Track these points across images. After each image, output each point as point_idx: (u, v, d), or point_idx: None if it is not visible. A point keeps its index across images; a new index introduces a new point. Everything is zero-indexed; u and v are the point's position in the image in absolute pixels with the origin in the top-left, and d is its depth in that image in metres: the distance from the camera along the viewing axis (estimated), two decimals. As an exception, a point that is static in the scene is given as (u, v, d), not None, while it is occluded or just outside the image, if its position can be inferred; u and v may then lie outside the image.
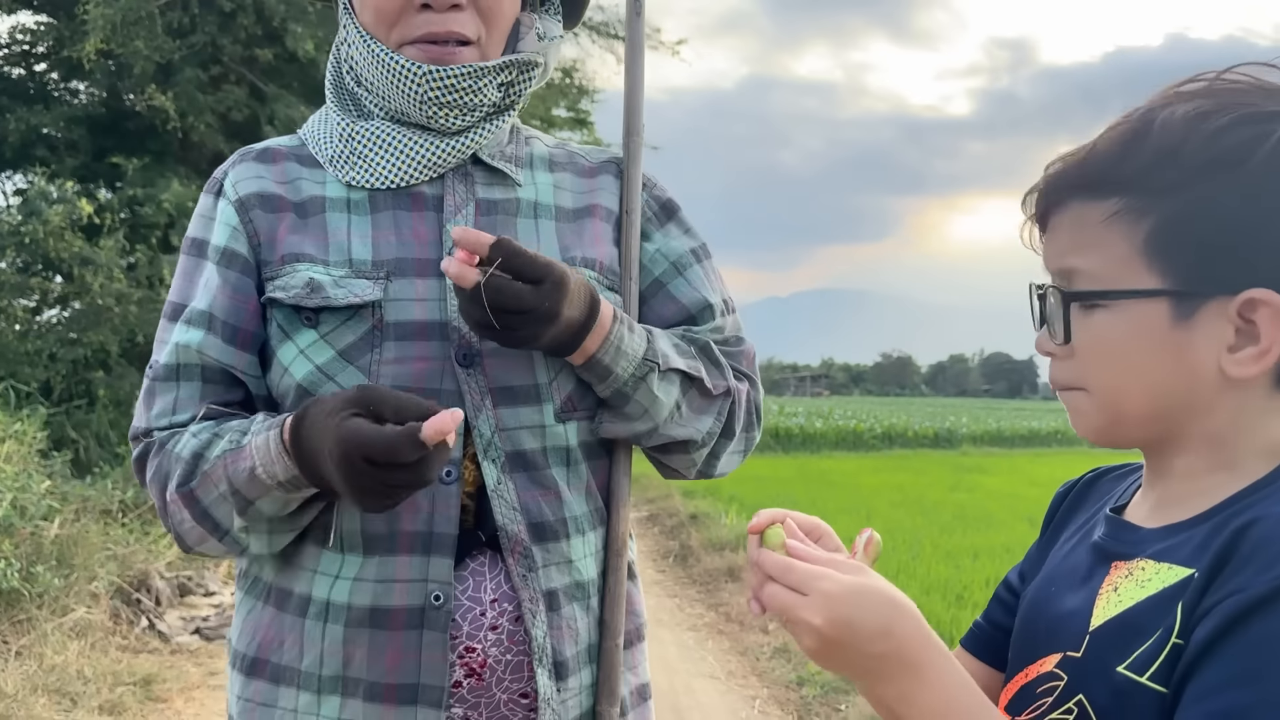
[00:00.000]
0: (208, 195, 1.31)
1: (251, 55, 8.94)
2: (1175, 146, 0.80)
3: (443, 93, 1.23)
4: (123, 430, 7.43)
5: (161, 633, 5.38)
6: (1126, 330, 0.83)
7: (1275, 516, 0.76)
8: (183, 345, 1.23)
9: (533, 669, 1.20)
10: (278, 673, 1.23)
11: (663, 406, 1.24)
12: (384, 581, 1.19)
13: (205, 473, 1.17)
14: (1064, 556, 0.96)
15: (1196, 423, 0.84)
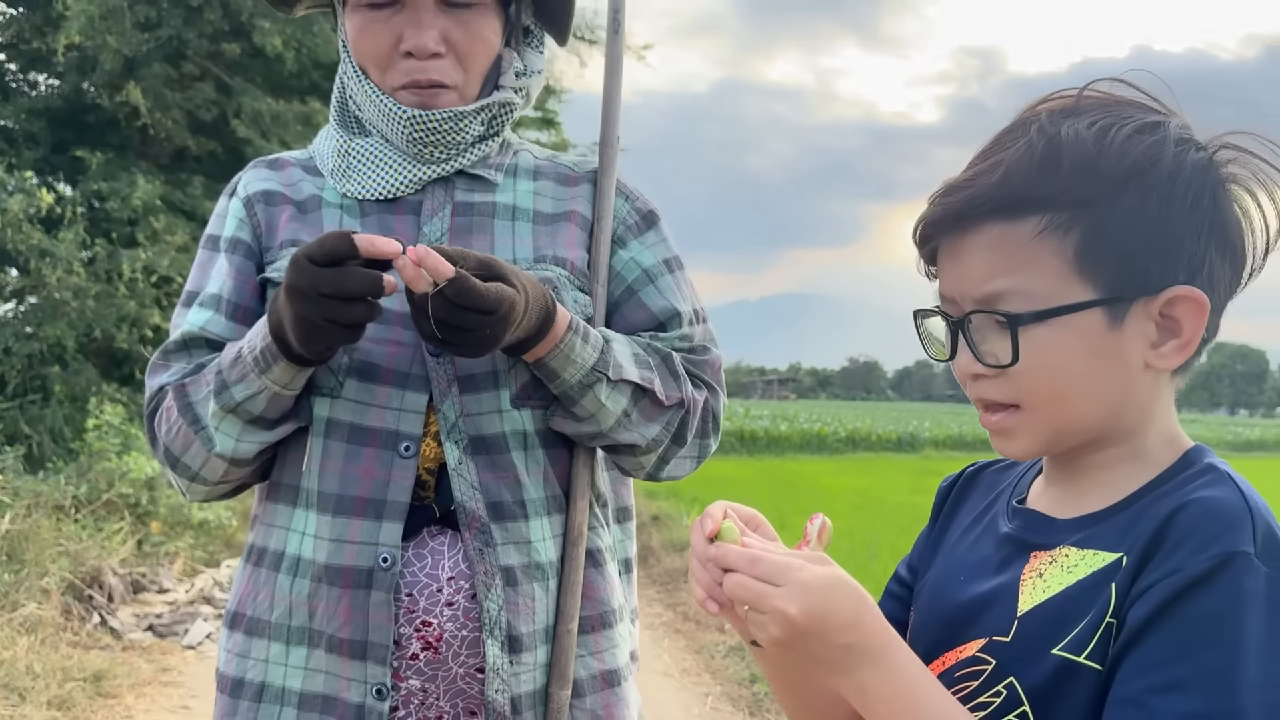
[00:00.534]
0: (224, 197, 1.47)
1: (218, 50, 8.91)
2: (1092, 161, 0.83)
3: (427, 134, 1.35)
4: (77, 425, 7.36)
5: (114, 629, 5.35)
6: (1068, 344, 0.85)
7: (1202, 501, 0.80)
8: (194, 324, 1.36)
9: (485, 642, 1.27)
10: (252, 625, 1.33)
11: (609, 414, 1.31)
12: (337, 540, 1.28)
13: (202, 374, 1.30)
14: (967, 548, 1.00)
15: (1122, 418, 0.88)
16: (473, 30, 1.34)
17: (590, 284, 1.40)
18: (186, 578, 6.37)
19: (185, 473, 1.32)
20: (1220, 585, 0.76)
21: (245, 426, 1.28)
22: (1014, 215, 0.85)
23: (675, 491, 12.26)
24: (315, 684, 1.28)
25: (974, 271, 0.87)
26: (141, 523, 6.46)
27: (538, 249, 1.38)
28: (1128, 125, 0.84)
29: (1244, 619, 0.75)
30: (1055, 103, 0.89)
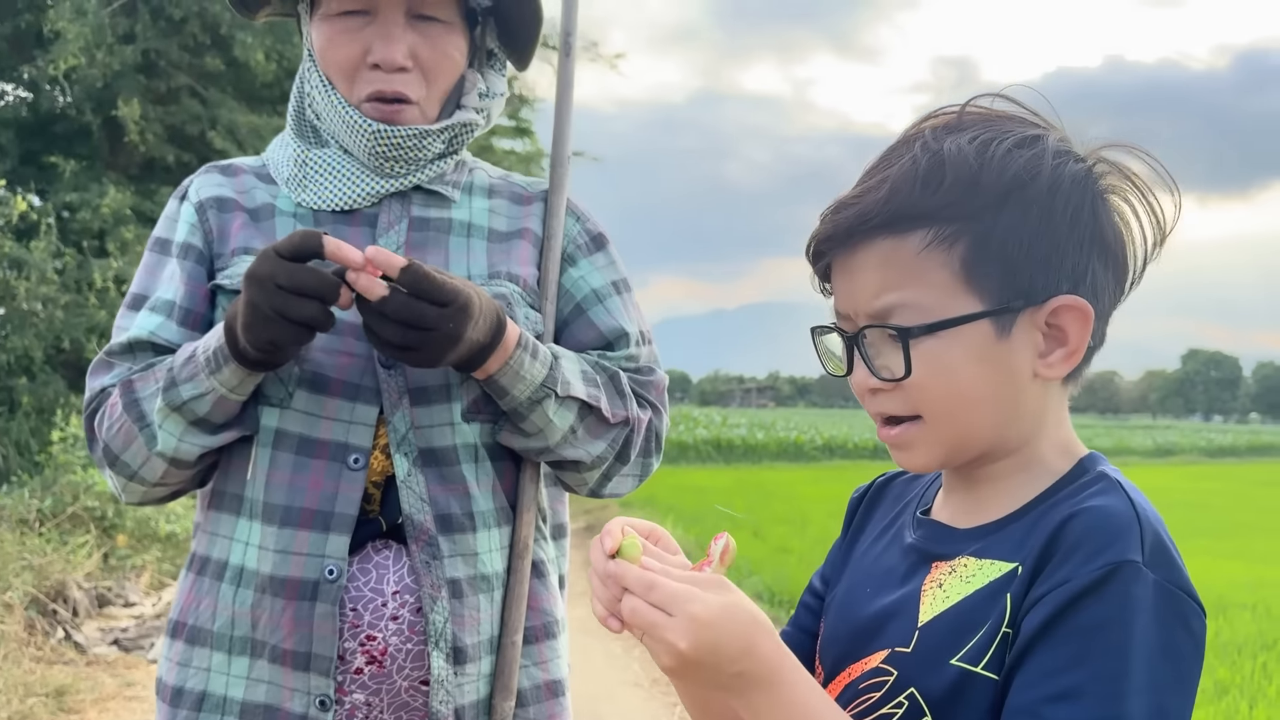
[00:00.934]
0: (174, 200, 1.46)
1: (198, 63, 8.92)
2: (974, 175, 0.84)
3: (390, 149, 1.36)
4: (43, 438, 7.29)
5: (78, 644, 5.30)
6: (959, 355, 0.86)
7: (1092, 510, 0.81)
8: (143, 328, 1.35)
9: (430, 654, 1.28)
10: (194, 634, 1.33)
11: (556, 429, 1.33)
12: (283, 552, 1.28)
13: (152, 370, 1.30)
14: (875, 558, 1.01)
15: (1015, 428, 0.89)
16: (439, 48, 1.36)
17: (540, 300, 1.41)
18: (153, 591, 6.32)
19: (123, 471, 1.31)
20: (1110, 594, 0.77)
21: (188, 427, 1.27)
22: (901, 230, 0.86)
23: (650, 501, 12.28)
24: (257, 694, 1.28)
25: (866, 287, 0.88)
26: (108, 536, 6.40)
27: (492, 265, 1.40)
28: (1008, 139, 0.86)
29: (1133, 627, 0.76)
30: (939, 119, 0.90)
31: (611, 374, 1.39)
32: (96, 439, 1.34)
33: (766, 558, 8.43)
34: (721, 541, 0.90)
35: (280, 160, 1.43)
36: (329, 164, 1.39)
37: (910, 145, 0.88)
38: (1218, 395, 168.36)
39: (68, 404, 7.65)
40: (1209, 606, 3.13)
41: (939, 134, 0.88)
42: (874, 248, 0.87)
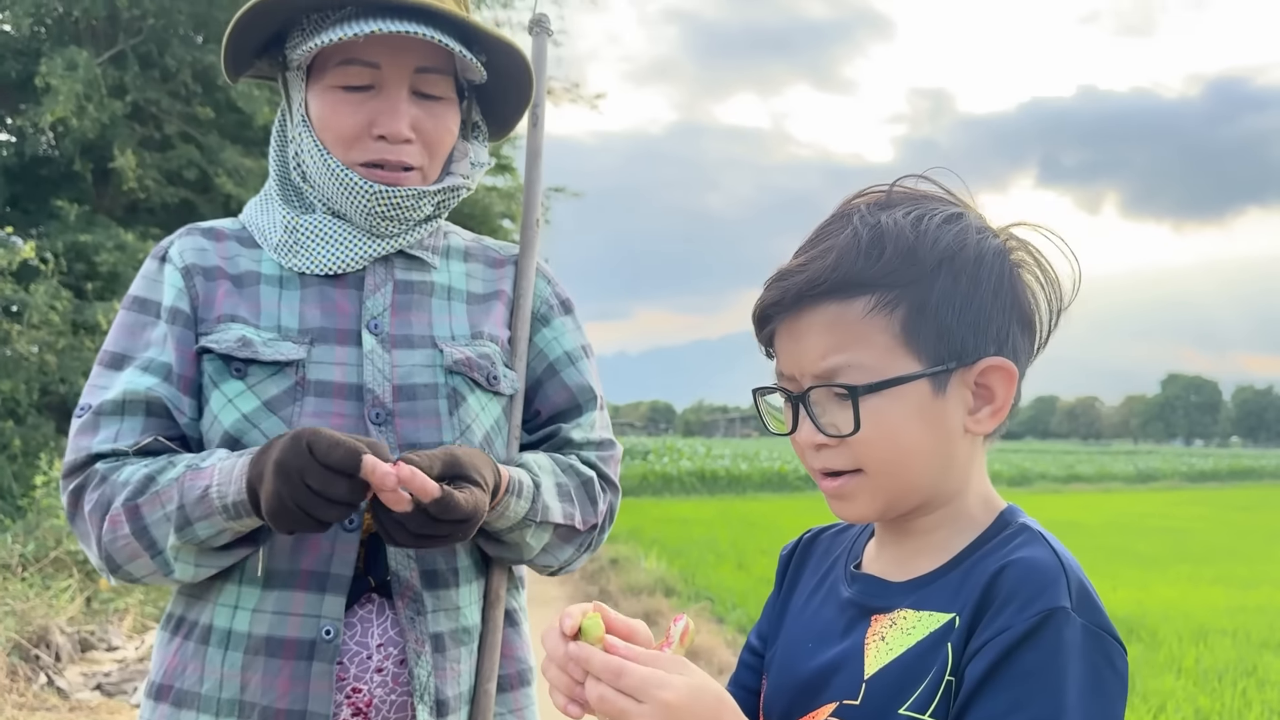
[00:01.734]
0: (153, 260, 1.46)
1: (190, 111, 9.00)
2: (911, 246, 0.92)
3: (388, 209, 1.42)
4: (26, 481, 7.26)
5: (60, 689, 5.27)
6: (900, 412, 0.92)
7: (1021, 562, 0.88)
8: (135, 386, 1.36)
9: (415, 708, 1.32)
10: (180, 697, 1.34)
11: (531, 549, 1.42)
12: (280, 614, 1.31)
13: (156, 492, 1.28)
14: (812, 614, 1.05)
15: (947, 481, 0.96)
16: (441, 121, 1.43)
17: (513, 356, 1.49)
18: (136, 634, 6.28)
19: (123, 575, 1.34)
20: (1044, 639, 0.83)
21: (205, 554, 1.30)
22: (846, 296, 0.93)
23: (635, 534, 12.28)
24: None
25: (812, 349, 0.94)
26: (90, 579, 6.37)
27: (473, 326, 1.47)
28: (937, 215, 0.94)
29: (1066, 668, 0.83)
30: (870, 197, 0.98)
31: (585, 480, 1.47)
32: (88, 531, 1.33)
33: (751, 589, 8.44)
34: (681, 623, 0.93)
35: (265, 225, 1.47)
36: (319, 229, 1.43)
37: (848, 219, 0.96)
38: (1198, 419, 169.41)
39: (56, 447, 7.63)
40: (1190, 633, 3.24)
41: (873, 209, 0.96)
42: (820, 312, 0.94)
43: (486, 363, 1.43)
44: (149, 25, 8.92)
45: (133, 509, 1.28)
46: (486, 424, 1.43)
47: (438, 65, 1.42)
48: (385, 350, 1.40)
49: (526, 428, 1.52)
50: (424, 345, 1.42)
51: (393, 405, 1.37)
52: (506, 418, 1.47)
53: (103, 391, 1.37)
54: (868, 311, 0.92)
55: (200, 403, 1.38)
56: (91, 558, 1.37)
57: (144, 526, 1.28)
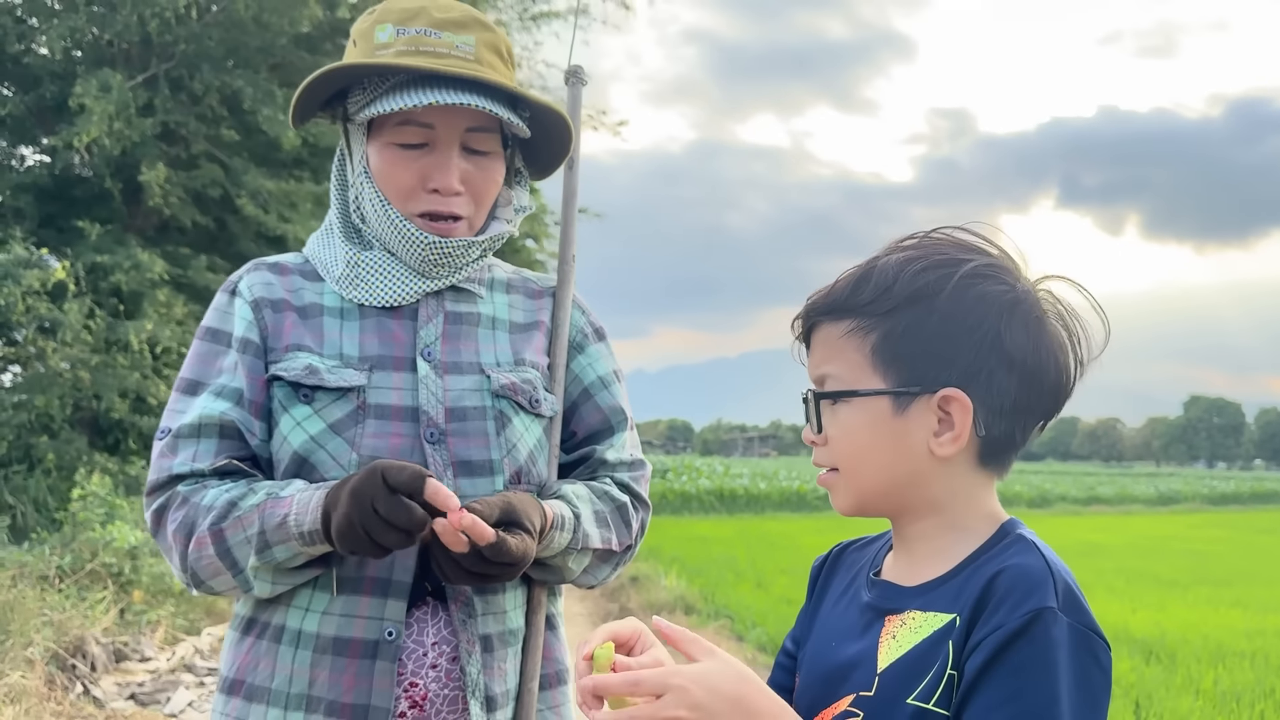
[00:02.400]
0: (224, 294, 1.59)
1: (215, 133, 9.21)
2: (889, 283, 1.05)
3: (440, 257, 1.55)
4: (61, 495, 7.43)
5: (96, 698, 5.40)
6: (862, 421, 1.06)
7: (1013, 567, 0.99)
8: (210, 410, 1.49)
9: (466, 702, 1.45)
10: (251, 691, 1.46)
11: (573, 571, 1.55)
12: (347, 616, 1.43)
13: (238, 517, 1.40)
14: (838, 616, 1.16)
15: (917, 493, 1.07)
16: (488, 174, 1.56)
17: (552, 382, 1.62)
18: (168, 646, 6.42)
19: (205, 589, 1.47)
20: (1034, 636, 0.94)
21: (282, 574, 1.43)
22: (835, 318, 1.09)
23: (654, 553, 12.35)
24: None
25: (813, 359, 1.12)
26: (124, 591, 6.52)
27: (516, 353, 1.60)
28: (931, 260, 1.06)
29: (1055, 662, 0.93)
30: (904, 240, 1.10)
31: (619, 505, 1.59)
32: (172, 548, 1.46)
33: (770, 608, 8.51)
34: None
35: (328, 259, 1.60)
36: (378, 265, 1.56)
37: (873, 257, 1.10)
38: (1221, 442, 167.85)
39: (91, 462, 7.80)
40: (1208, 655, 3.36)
41: (891, 249, 1.09)
42: (820, 330, 1.11)
43: (529, 387, 1.56)
44: (180, 50, 9.14)
45: (217, 533, 1.41)
46: (530, 443, 1.55)
47: (485, 125, 1.54)
48: (438, 376, 1.52)
49: (564, 447, 1.63)
50: (472, 371, 1.55)
51: (445, 426, 1.49)
52: (547, 438, 1.59)
53: (180, 416, 1.50)
54: (846, 332, 1.07)
55: (269, 425, 1.50)
56: (174, 571, 1.50)
57: (227, 548, 1.41)
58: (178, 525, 1.44)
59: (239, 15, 9.21)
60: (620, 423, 1.66)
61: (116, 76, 8.37)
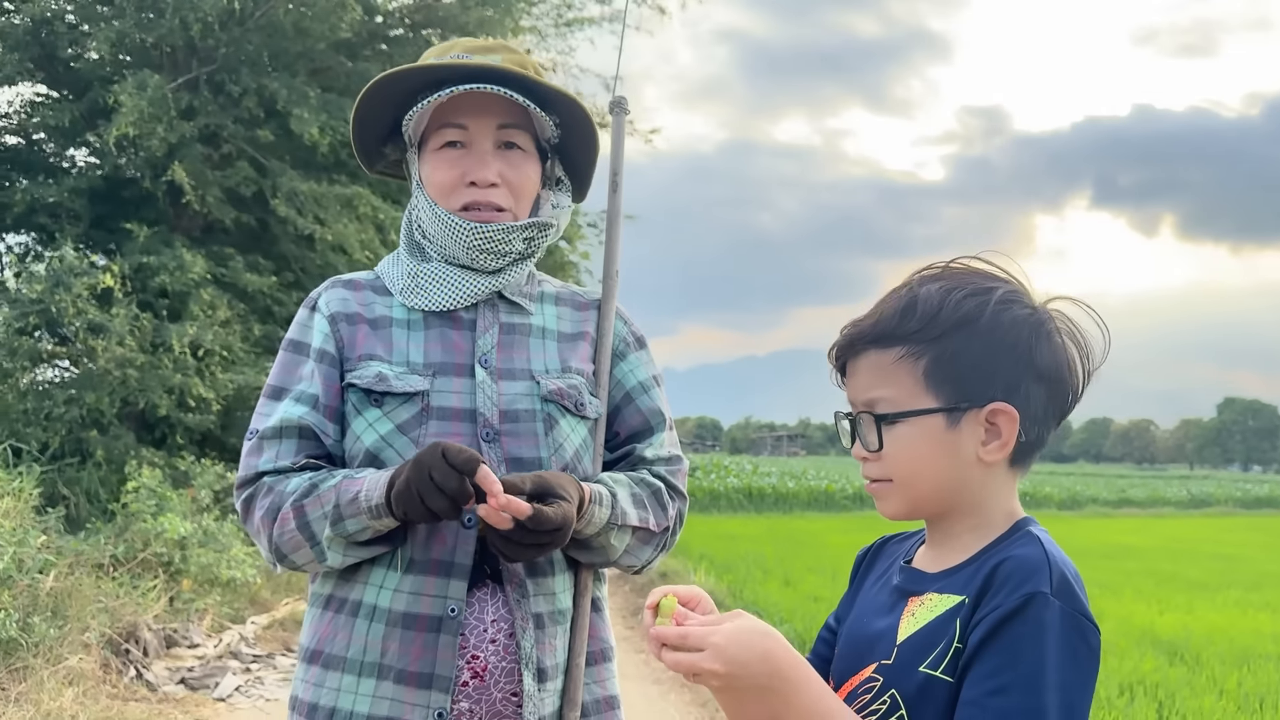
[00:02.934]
0: (305, 309, 1.78)
1: (253, 135, 9.42)
2: (935, 311, 1.18)
3: (483, 242, 1.71)
4: (113, 488, 7.69)
5: (149, 682, 5.63)
6: (918, 437, 1.18)
7: (1016, 556, 1.13)
8: (290, 414, 1.67)
9: (521, 674, 1.61)
10: (329, 660, 1.63)
11: (615, 550, 1.69)
12: (416, 594, 1.60)
13: (318, 495, 1.59)
14: (872, 597, 1.32)
15: (962, 497, 1.22)
16: (520, 169, 1.74)
17: (597, 388, 1.78)
18: (215, 633, 6.65)
19: (287, 563, 1.66)
20: (1027, 616, 1.07)
21: (351, 546, 1.60)
22: (884, 345, 1.20)
23: (683, 549, 12.50)
24: (381, 709, 1.58)
25: (860, 384, 1.23)
26: (174, 580, 6.74)
27: (563, 361, 1.77)
28: (966, 289, 1.20)
29: (1045, 641, 1.07)
30: (930, 271, 1.24)
31: (654, 490, 1.74)
32: (259, 530, 1.64)
33: (797, 606, 8.63)
34: None
35: (395, 275, 1.79)
36: (435, 274, 1.75)
37: (905, 285, 1.23)
38: (1256, 444, 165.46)
39: (138, 456, 8.06)
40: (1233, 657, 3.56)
41: (924, 280, 1.23)
42: (867, 356, 1.22)
43: (575, 392, 1.73)
44: (221, 54, 9.36)
45: (299, 508, 1.60)
46: (576, 443, 1.71)
47: (516, 121, 1.72)
48: (493, 381, 1.69)
49: (607, 447, 1.80)
50: (524, 377, 1.72)
51: (499, 426, 1.66)
52: (592, 438, 1.75)
53: (265, 419, 1.69)
54: (898, 358, 1.19)
55: (342, 427, 1.69)
56: (263, 552, 1.69)
57: (307, 522, 1.59)
58: (265, 510, 1.63)
59: (279, 20, 9.44)
60: (659, 423, 1.82)
61: (154, 77, 8.56)
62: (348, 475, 1.61)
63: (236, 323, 9.26)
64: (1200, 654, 7.50)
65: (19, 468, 6.78)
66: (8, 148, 10.17)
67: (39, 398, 8.08)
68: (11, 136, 10.31)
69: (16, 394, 8.08)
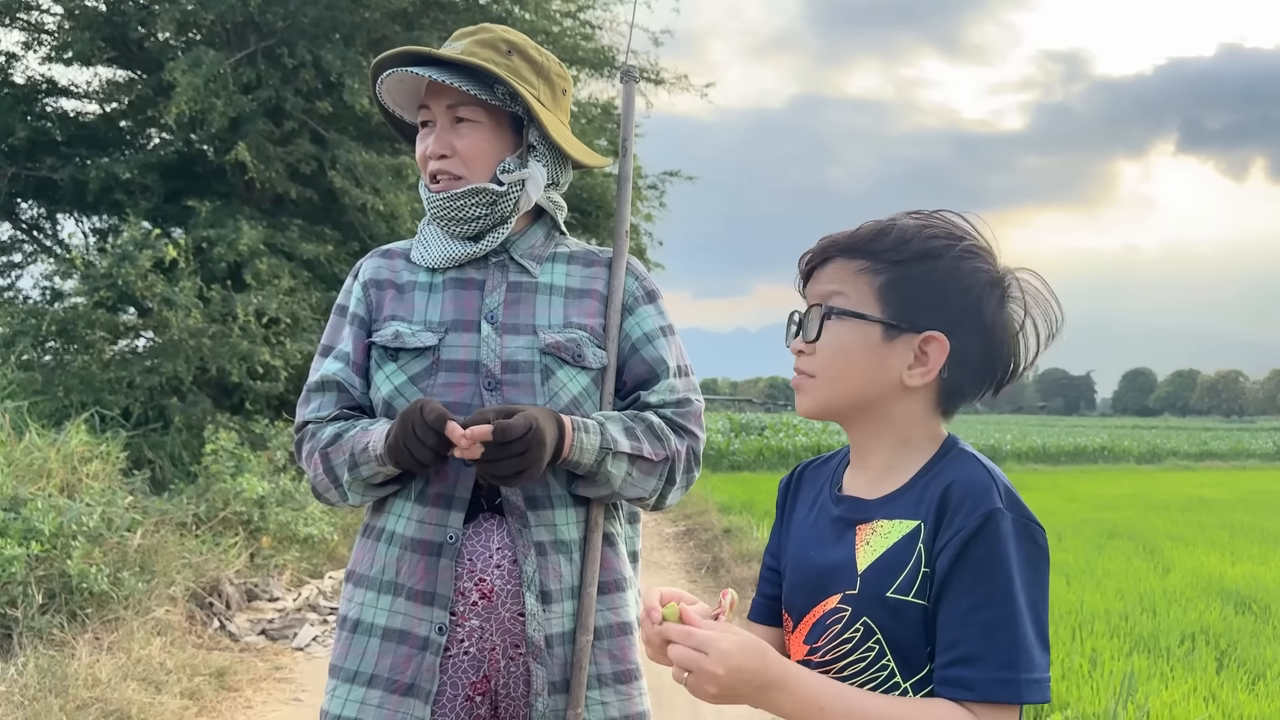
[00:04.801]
0: (350, 278, 2.00)
1: (312, 106, 9.63)
2: (906, 239, 1.27)
3: (438, 209, 1.90)
4: (194, 451, 8.06)
5: (231, 633, 5.94)
6: (854, 340, 1.27)
7: (963, 478, 1.21)
8: (328, 371, 1.89)
9: (524, 594, 1.78)
10: (359, 579, 1.86)
11: (616, 478, 1.80)
12: (423, 522, 1.79)
13: (339, 444, 1.82)
14: (810, 527, 1.37)
15: (877, 411, 1.29)
16: (468, 139, 1.87)
17: (606, 341, 1.91)
18: (294, 587, 6.95)
19: (323, 500, 1.90)
20: (987, 534, 1.17)
21: (369, 488, 1.82)
22: (851, 256, 1.29)
23: (748, 507, 12.63)
24: (395, 622, 1.78)
25: (820, 284, 1.32)
26: (254, 538, 7.06)
27: (566, 317, 1.90)
28: (939, 230, 1.29)
29: (1007, 551, 1.17)
30: (915, 212, 1.32)
31: (647, 424, 1.84)
32: (302, 460, 1.89)
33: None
34: (728, 597, 1.27)
35: (417, 241, 1.99)
36: (428, 235, 1.96)
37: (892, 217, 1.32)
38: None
39: (215, 421, 8.42)
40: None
41: (906, 216, 1.32)
42: (835, 263, 1.31)
43: (573, 345, 1.86)
44: (279, 27, 9.57)
45: (325, 454, 1.83)
46: (574, 391, 1.84)
47: (462, 99, 1.85)
48: (498, 335, 1.85)
49: (618, 394, 1.92)
50: (527, 332, 1.86)
51: (501, 376, 1.82)
52: (596, 386, 1.88)
53: (315, 374, 1.92)
54: (859, 270, 1.28)
55: (368, 380, 1.89)
56: (311, 489, 1.93)
57: (331, 466, 1.82)
58: (307, 453, 1.87)
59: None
60: (664, 371, 1.92)
61: (209, 52, 8.79)
62: (364, 426, 1.81)
63: (303, 290, 9.55)
64: (1270, 605, 7.39)
65: (106, 433, 7.14)
66: (84, 124, 10.56)
67: (120, 367, 8.47)
68: (89, 114, 10.71)
69: (100, 364, 8.48)
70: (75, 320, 8.51)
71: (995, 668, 1.15)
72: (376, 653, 1.78)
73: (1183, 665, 5.65)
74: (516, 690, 1.79)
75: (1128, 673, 5.02)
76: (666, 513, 11.70)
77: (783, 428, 28.69)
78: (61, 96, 10.70)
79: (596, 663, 1.82)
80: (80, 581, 5.17)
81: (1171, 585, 8.14)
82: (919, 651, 1.21)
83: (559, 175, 1.97)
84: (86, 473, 6.42)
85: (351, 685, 1.79)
